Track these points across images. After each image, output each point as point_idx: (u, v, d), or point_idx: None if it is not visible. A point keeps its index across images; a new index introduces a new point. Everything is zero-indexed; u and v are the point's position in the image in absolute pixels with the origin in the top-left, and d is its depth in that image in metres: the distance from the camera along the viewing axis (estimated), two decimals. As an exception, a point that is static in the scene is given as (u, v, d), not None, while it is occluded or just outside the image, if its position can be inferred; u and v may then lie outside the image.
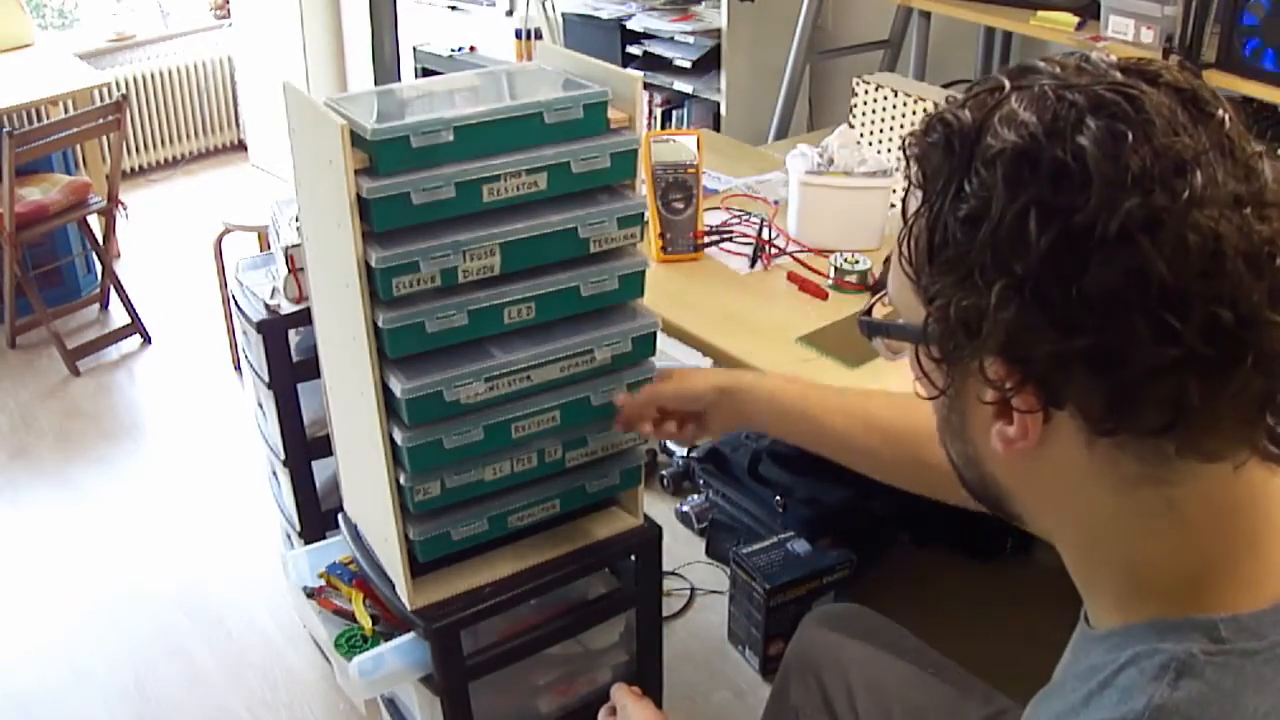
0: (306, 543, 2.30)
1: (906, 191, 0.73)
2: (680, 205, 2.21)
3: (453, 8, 4.40)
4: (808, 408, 1.31)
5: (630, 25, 3.54)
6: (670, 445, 3.01)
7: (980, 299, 0.64)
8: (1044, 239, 0.62)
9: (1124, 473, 0.66)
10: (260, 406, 2.50)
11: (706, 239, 2.24)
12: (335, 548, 1.92)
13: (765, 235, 2.20)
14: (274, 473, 2.57)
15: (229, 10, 5.36)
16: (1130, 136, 0.61)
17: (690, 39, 3.41)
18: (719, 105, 3.43)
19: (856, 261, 2.06)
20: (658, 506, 2.78)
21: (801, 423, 1.31)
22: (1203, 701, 0.63)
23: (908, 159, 0.73)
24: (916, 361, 0.74)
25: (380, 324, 1.46)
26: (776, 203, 2.42)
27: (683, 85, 3.48)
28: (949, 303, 0.66)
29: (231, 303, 2.56)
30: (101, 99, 3.99)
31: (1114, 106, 0.63)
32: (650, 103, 3.59)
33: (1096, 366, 0.62)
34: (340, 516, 1.92)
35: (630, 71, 1.60)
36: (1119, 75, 0.66)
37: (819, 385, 1.37)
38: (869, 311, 0.83)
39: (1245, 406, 0.62)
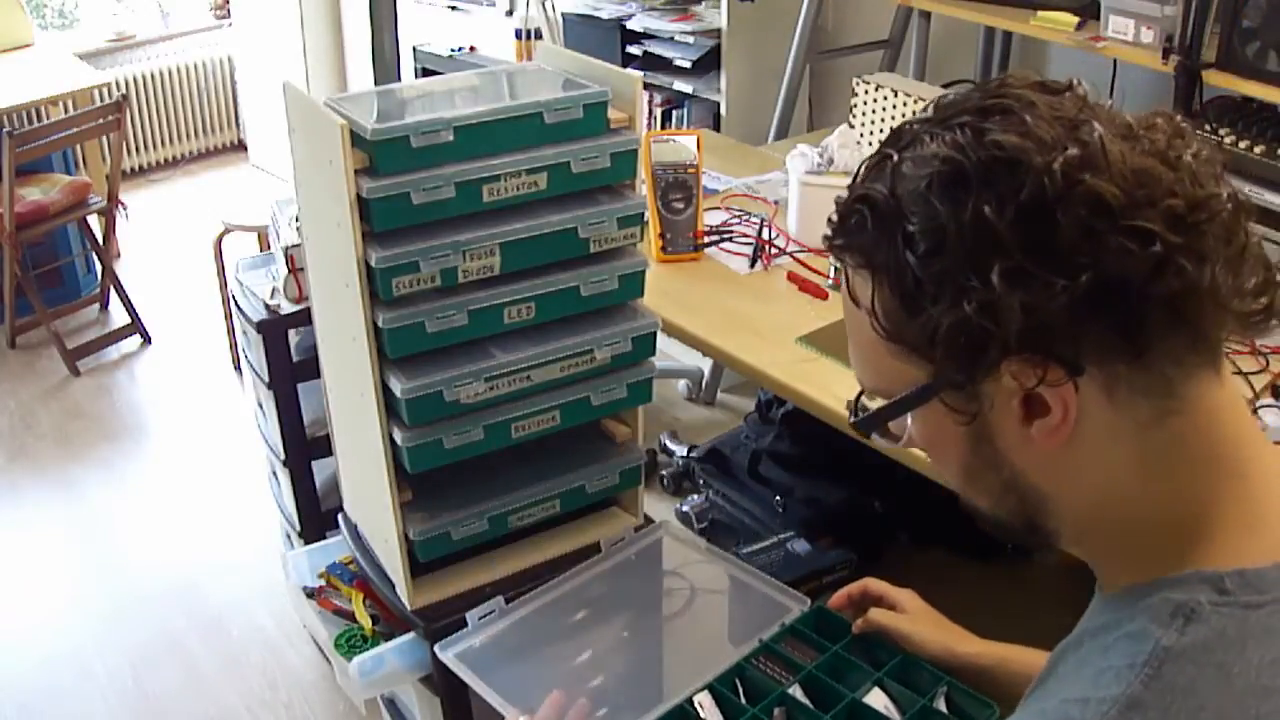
0: (306, 543, 2.30)
1: (848, 284, 0.77)
2: (680, 205, 2.21)
3: (453, 8, 4.40)
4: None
5: (630, 25, 3.54)
6: (670, 445, 3.02)
7: (984, 295, 0.68)
8: (1007, 221, 0.67)
9: (1140, 417, 0.71)
10: (260, 406, 2.50)
11: (706, 239, 2.24)
12: (335, 548, 1.92)
13: (765, 235, 2.20)
14: (274, 473, 2.57)
15: (229, 10, 5.36)
16: (1026, 118, 0.69)
17: (690, 39, 3.41)
18: (719, 105, 3.43)
19: (856, 261, 2.06)
20: (658, 506, 2.78)
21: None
22: (1208, 646, 0.67)
23: (840, 258, 0.77)
24: (937, 410, 0.75)
25: (380, 324, 1.46)
26: (776, 203, 2.42)
27: (683, 85, 3.48)
28: (956, 321, 0.69)
29: (231, 303, 2.56)
30: (101, 99, 3.99)
31: (999, 107, 0.71)
32: (650, 103, 3.59)
33: (1101, 302, 0.67)
34: (340, 516, 1.92)
35: (630, 71, 1.60)
36: (975, 93, 0.74)
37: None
38: (856, 412, 0.83)
39: (1225, 274, 0.69)
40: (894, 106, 2.41)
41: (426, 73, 3.83)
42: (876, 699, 1.26)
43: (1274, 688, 0.66)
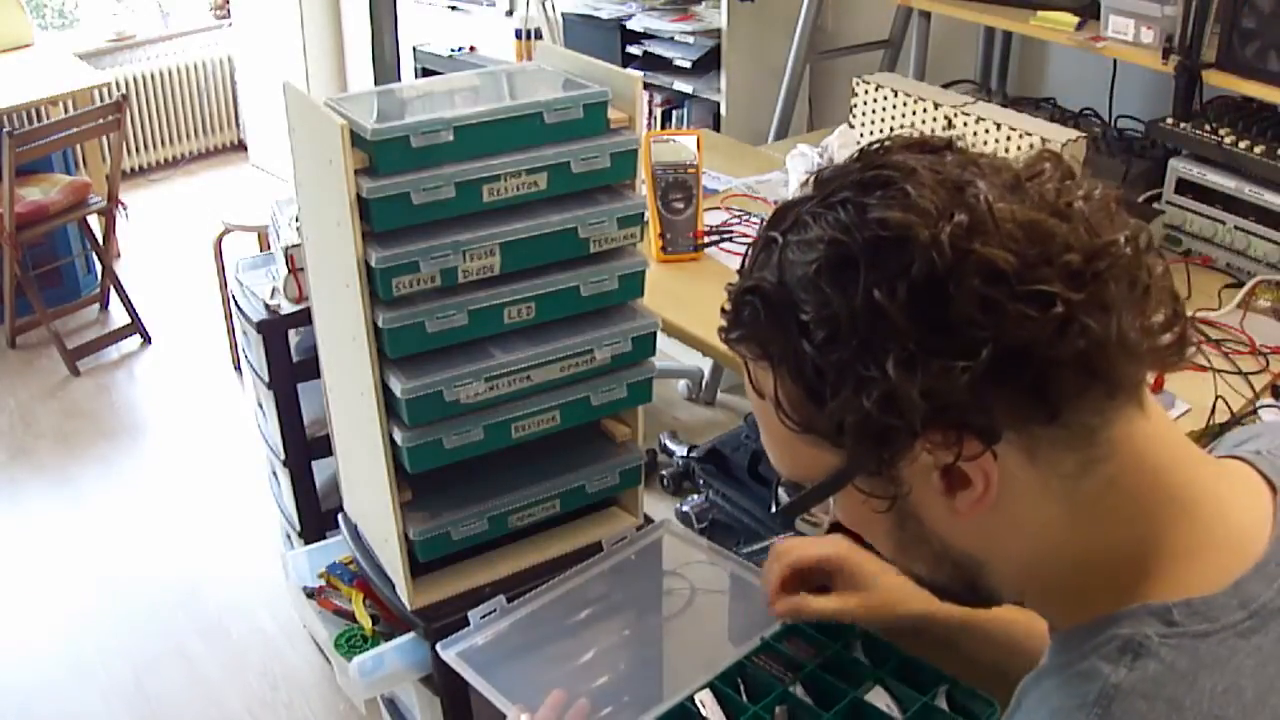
0: (306, 543, 2.30)
1: (749, 376, 0.75)
2: (680, 205, 2.21)
3: (453, 8, 4.40)
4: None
5: (630, 25, 3.54)
6: (670, 445, 3.02)
7: (883, 386, 0.66)
8: (898, 304, 0.65)
9: (1065, 471, 0.69)
10: (260, 406, 2.50)
11: (706, 239, 2.24)
12: (335, 548, 1.92)
13: (765, 235, 2.20)
14: (274, 473, 2.57)
15: (229, 10, 5.36)
16: (908, 189, 0.67)
17: (690, 39, 3.41)
18: (719, 105, 3.43)
19: (856, 261, 2.06)
20: (658, 506, 2.78)
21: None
22: (1158, 680, 0.65)
23: (736, 350, 0.75)
24: (855, 495, 0.74)
25: (380, 324, 1.46)
26: (776, 203, 2.41)
27: (683, 85, 3.48)
28: (860, 415, 0.67)
29: (231, 303, 2.56)
30: (101, 99, 3.99)
31: (879, 180, 0.68)
32: (650, 103, 3.59)
33: (1008, 371, 0.65)
34: (340, 516, 1.92)
35: (630, 71, 1.60)
36: (856, 164, 0.71)
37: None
38: (777, 501, 0.82)
39: (1131, 319, 0.67)
40: (894, 106, 2.41)
41: (426, 73, 3.83)
42: (878, 697, 1.26)
43: (1226, 717, 0.64)
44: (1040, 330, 0.64)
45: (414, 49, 3.90)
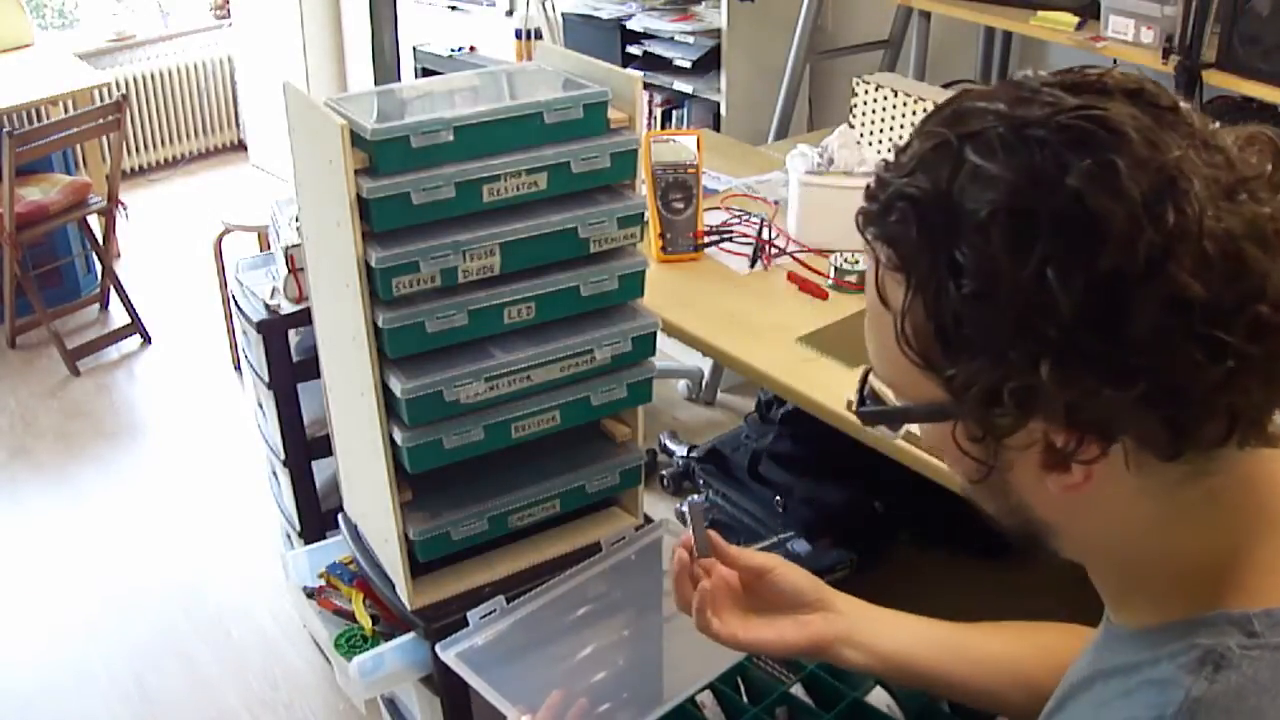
0: (306, 543, 2.30)
1: (876, 274, 0.68)
2: (680, 205, 2.21)
3: (453, 8, 4.40)
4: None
5: (630, 25, 3.54)
6: (670, 445, 3.02)
7: (1022, 377, 0.61)
8: (1071, 296, 0.58)
9: (1168, 479, 0.66)
10: (260, 406, 2.50)
11: (706, 239, 2.24)
12: (335, 548, 1.92)
13: (765, 235, 2.20)
14: (274, 473, 2.57)
15: (229, 10, 5.36)
16: (1118, 163, 0.59)
17: (690, 39, 3.41)
18: (719, 105, 3.43)
19: (856, 261, 2.06)
20: (658, 506, 2.78)
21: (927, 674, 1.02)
22: (1240, 694, 0.63)
23: (870, 244, 0.68)
24: (948, 433, 0.68)
25: (380, 324, 1.46)
26: (776, 203, 2.42)
27: (683, 85, 3.48)
28: (989, 389, 0.62)
29: (231, 303, 2.56)
30: (101, 99, 3.99)
31: (1088, 137, 0.60)
32: (650, 103, 3.59)
33: (1155, 404, 0.60)
34: (340, 516, 1.92)
35: (630, 71, 1.60)
36: (1071, 99, 0.62)
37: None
38: (864, 399, 0.77)
39: None
40: (894, 106, 2.41)
41: (426, 73, 3.83)
42: (878, 698, 1.26)
43: None
44: (1203, 379, 0.59)
45: (414, 49, 3.90)
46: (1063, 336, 0.59)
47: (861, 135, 2.48)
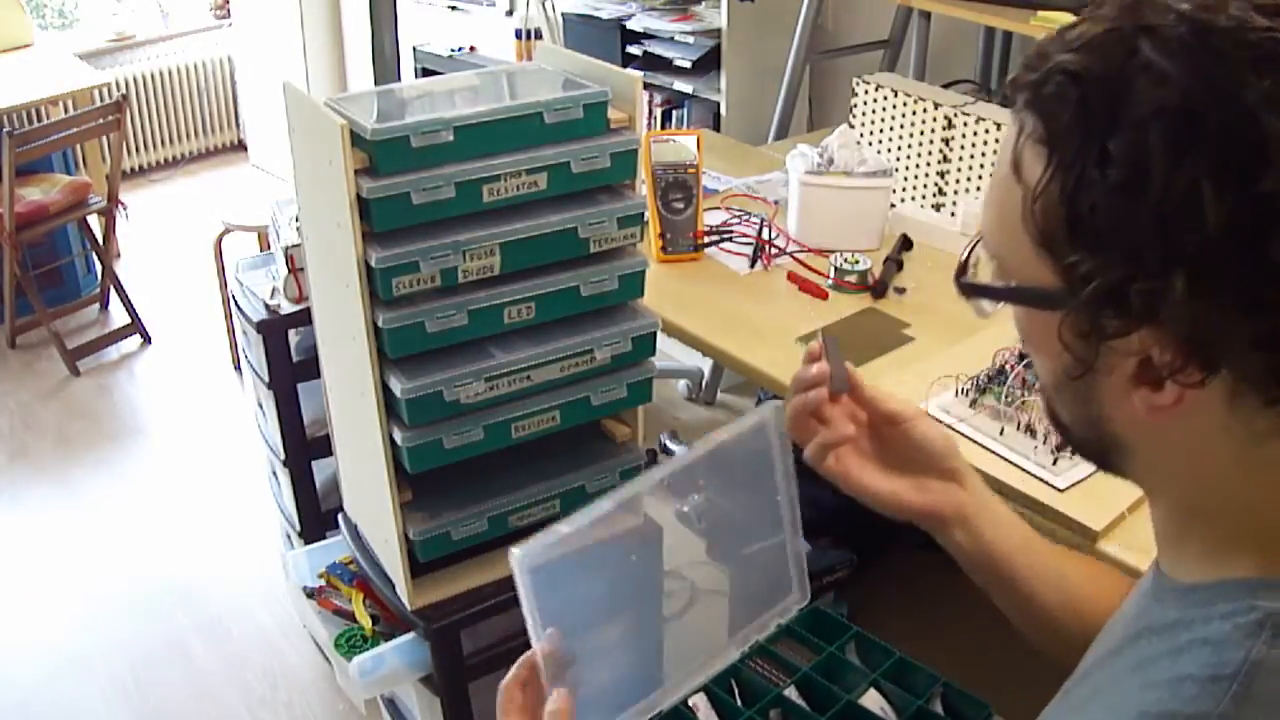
0: (306, 543, 2.30)
1: (1017, 141, 0.66)
2: (680, 205, 2.21)
3: (453, 8, 4.40)
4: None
5: (630, 25, 3.54)
6: (670, 445, 3.01)
7: (1151, 281, 0.59)
8: (1221, 211, 0.57)
9: (1257, 426, 0.64)
10: (260, 406, 2.50)
11: (706, 239, 2.24)
12: (335, 548, 1.92)
13: (765, 235, 2.20)
14: (274, 473, 2.57)
15: (229, 10, 5.37)
16: None
17: (690, 39, 3.41)
18: (719, 105, 3.43)
19: (856, 261, 2.06)
20: (658, 506, 2.78)
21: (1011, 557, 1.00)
22: None
23: (1019, 107, 0.65)
24: (1048, 325, 0.66)
25: (380, 324, 1.46)
26: (776, 203, 2.42)
27: (683, 85, 3.48)
28: (1111, 288, 0.61)
29: (231, 303, 2.56)
30: (101, 99, 3.99)
31: (1264, 46, 0.58)
32: (650, 103, 3.59)
33: (1274, 343, 0.59)
34: (340, 516, 1.92)
35: (630, 71, 1.60)
36: (1260, 19, 0.60)
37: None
38: (966, 268, 0.74)
39: None
40: (894, 106, 2.41)
41: (426, 73, 3.83)
42: (872, 700, 1.26)
43: None
44: None
45: (414, 49, 3.91)
46: (1203, 249, 0.58)
47: (861, 135, 2.48)
